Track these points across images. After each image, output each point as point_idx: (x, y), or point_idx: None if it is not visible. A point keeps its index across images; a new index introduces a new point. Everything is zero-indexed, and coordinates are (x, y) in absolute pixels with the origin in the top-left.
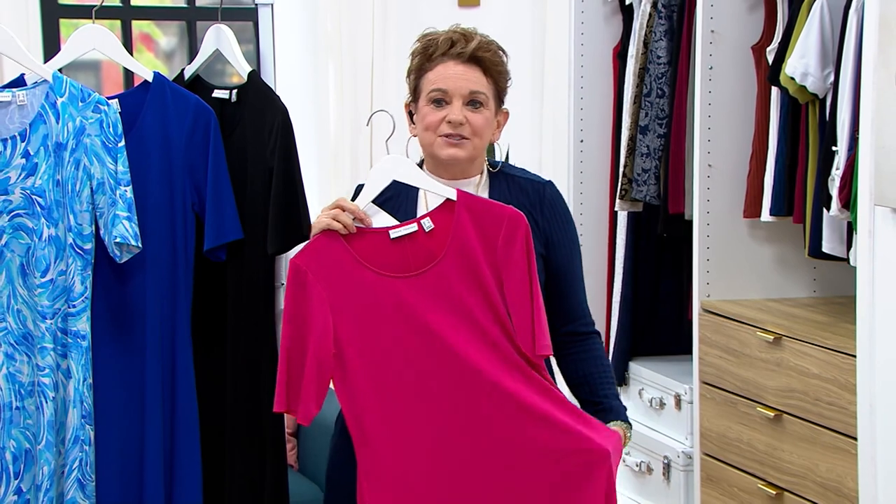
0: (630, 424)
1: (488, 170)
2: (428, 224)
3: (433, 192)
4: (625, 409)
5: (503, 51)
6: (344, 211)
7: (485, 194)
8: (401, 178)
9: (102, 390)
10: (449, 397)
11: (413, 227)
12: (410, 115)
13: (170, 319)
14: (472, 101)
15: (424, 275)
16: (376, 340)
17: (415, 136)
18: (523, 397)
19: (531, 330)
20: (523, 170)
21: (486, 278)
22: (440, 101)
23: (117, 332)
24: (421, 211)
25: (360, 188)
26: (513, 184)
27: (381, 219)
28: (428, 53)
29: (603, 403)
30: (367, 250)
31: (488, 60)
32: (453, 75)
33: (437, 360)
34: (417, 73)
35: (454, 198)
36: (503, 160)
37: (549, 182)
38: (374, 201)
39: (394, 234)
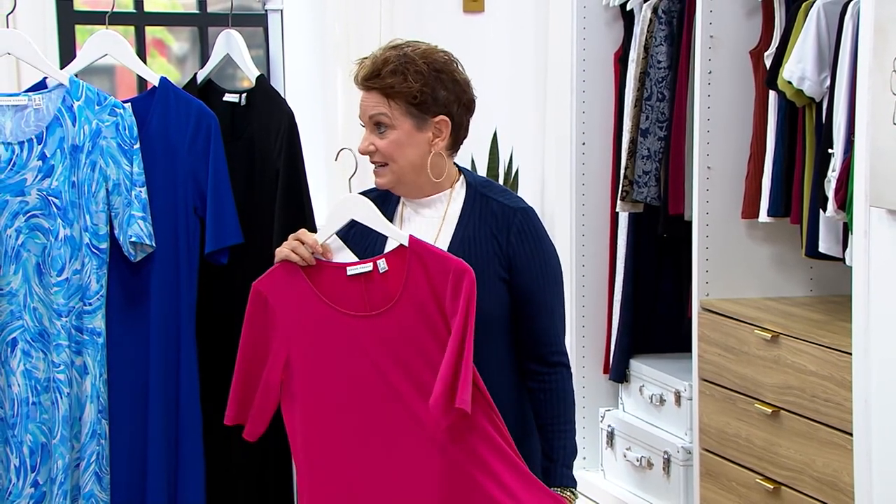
0: (574, 488)
1: (466, 183)
2: (383, 265)
3: (389, 236)
4: (574, 456)
5: (409, 63)
6: (303, 244)
7: (456, 208)
8: (359, 218)
9: (114, 386)
10: (391, 442)
11: (368, 267)
12: None
13: (174, 319)
14: (377, 125)
15: (380, 316)
16: (324, 375)
17: None
18: (468, 451)
19: (451, 383)
20: (505, 191)
21: (438, 325)
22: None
23: (127, 330)
24: (390, 241)
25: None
26: (486, 206)
27: (344, 255)
28: None
29: (553, 459)
30: (325, 284)
31: (381, 84)
32: (361, 103)
33: (382, 403)
34: None
35: (406, 243)
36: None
37: (524, 209)
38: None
39: (350, 271)
